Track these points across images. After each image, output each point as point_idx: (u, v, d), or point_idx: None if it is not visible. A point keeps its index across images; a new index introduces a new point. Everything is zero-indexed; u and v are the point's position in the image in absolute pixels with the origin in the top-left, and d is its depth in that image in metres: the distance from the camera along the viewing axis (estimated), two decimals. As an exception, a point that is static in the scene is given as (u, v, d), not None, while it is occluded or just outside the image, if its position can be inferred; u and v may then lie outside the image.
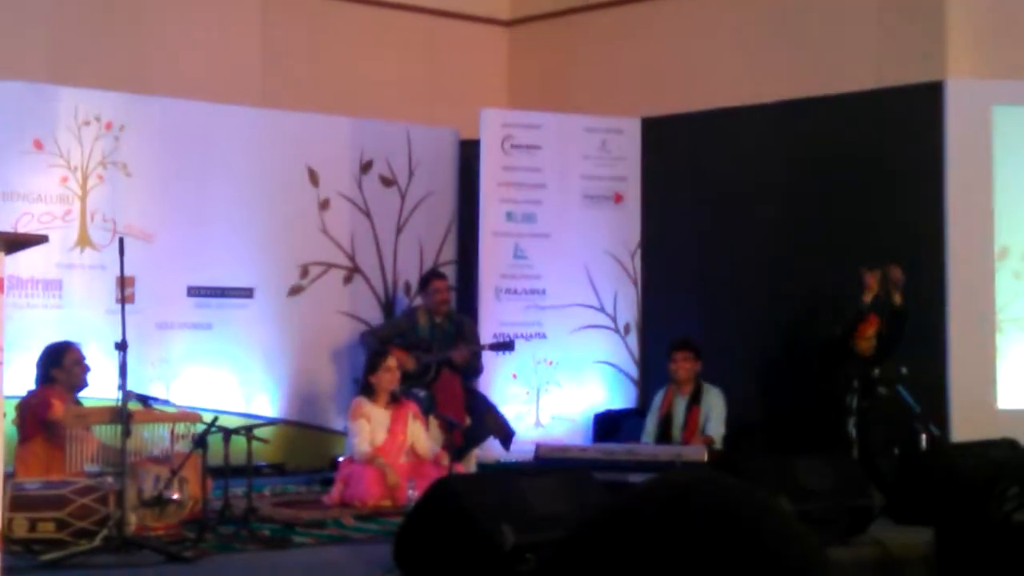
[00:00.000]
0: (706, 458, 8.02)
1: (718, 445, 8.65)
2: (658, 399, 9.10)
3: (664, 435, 8.91)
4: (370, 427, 8.20)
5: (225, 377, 9.74)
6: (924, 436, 8.11)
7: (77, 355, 7.61)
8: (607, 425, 10.08)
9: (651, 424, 9.04)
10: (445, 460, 8.25)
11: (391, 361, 8.43)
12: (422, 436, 8.36)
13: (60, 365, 7.55)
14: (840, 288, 9.24)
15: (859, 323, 8.78)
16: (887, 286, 8.75)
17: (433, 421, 8.77)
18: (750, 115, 10.14)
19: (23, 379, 7.54)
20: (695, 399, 8.91)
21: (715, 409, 8.87)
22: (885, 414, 8.38)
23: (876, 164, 9.53)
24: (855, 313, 8.84)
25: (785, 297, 9.73)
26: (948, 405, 9.03)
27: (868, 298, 8.84)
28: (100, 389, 7.67)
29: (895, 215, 9.42)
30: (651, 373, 10.22)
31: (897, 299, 8.77)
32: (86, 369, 7.61)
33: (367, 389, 8.37)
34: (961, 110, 9.25)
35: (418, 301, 10.09)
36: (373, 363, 8.42)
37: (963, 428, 8.82)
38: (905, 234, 9.38)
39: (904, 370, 8.29)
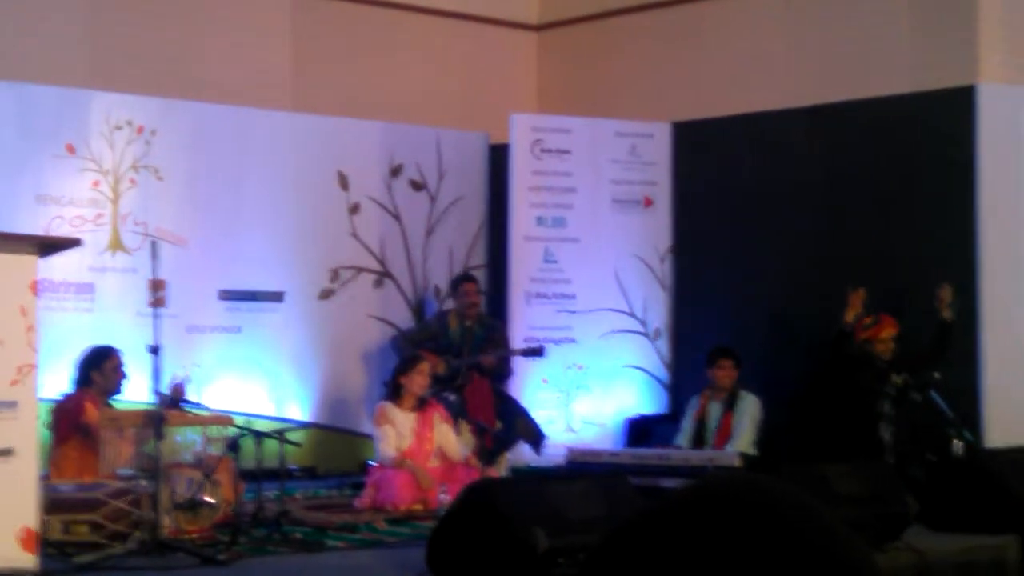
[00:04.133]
0: (738, 463, 7.99)
1: (750, 451, 8.62)
2: (694, 403, 9.11)
3: (698, 439, 8.91)
4: (395, 431, 8.19)
5: (256, 381, 9.76)
6: (958, 442, 8.07)
7: (118, 361, 7.64)
8: (638, 430, 10.06)
9: (686, 427, 9.04)
10: (475, 462, 8.26)
11: (424, 366, 8.43)
12: (451, 438, 8.36)
13: (100, 368, 7.58)
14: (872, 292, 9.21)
15: (872, 328, 8.75)
16: (936, 302, 8.67)
17: (464, 425, 8.77)
18: (781, 119, 10.11)
19: (55, 382, 7.56)
20: (730, 405, 8.91)
21: (747, 414, 8.85)
22: (918, 420, 8.33)
23: (908, 168, 9.49)
24: (837, 332, 8.82)
25: (816, 302, 9.67)
26: (982, 410, 8.98)
27: (850, 317, 8.79)
28: (133, 392, 7.70)
29: (927, 219, 9.38)
30: (682, 378, 10.20)
31: (946, 314, 8.67)
32: (123, 376, 7.64)
33: (395, 390, 8.36)
34: (993, 114, 9.20)
35: (449, 304, 10.10)
36: (406, 365, 8.42)
37: (997, 434, 8.78)
38: (937, 237, 9.33)
39: (937, 375, 8.24)
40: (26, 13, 9.61)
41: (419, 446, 8.23)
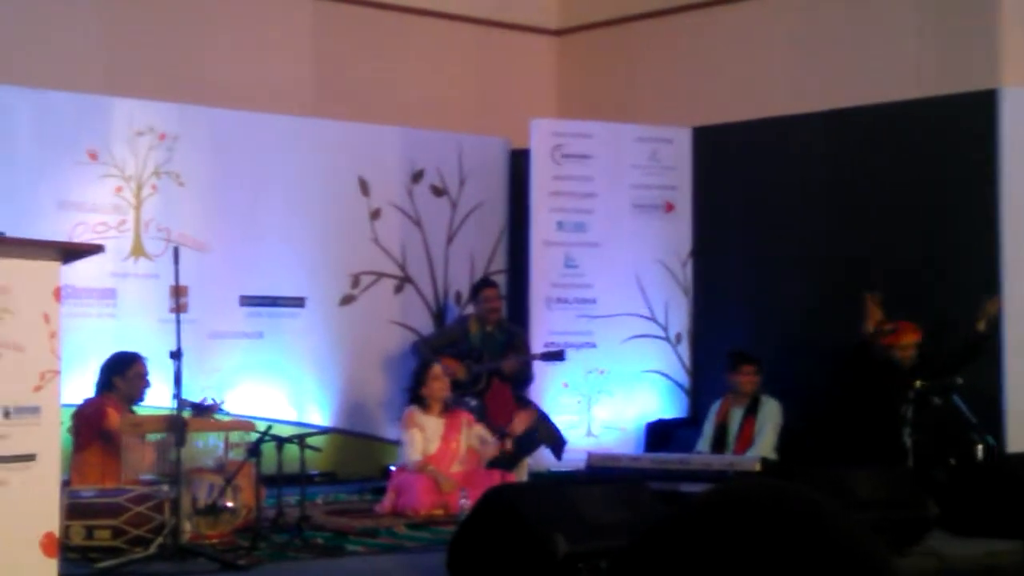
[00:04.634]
0: (759, 468, 7.98)
1: (771, 456, 8.61)
2: (715, 408, 9.12)
3: (719, 444, 8.90)
4: (423, 436, 8.21)
5: (277, 386, 9.78)
6: (980, 447, 8.04)
7: (142, 369, 7.64)
8: (659, 435, 10.05)
9: (707, 432, 9.04)
10: (508, 443, 8.30)
11: (437, 368, 8.46)
12: (478, 440, 8.38)
13: (124, 375, 7.58)
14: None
15: (892, 334, 8.73)
16: (977, 311, 8.65)
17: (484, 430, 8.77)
18: (801, 124, 10.10)
19: (77, 387, 7.59)
20: (751, 410, 8.91)
21: (769, 420, 8.84)
22: (940, 424, 8.31)
23: (930, 172, 9.47)
24: (858, 343, 8.80)
25: (836, 306, 9.65)
26: (1004, 415, 8.94)
27: (871, 327, 8.77)
28: (155, 398, 7.73)
29: (949, 223, 9.35)
30: (702, 382, 10.19)
31: (981, 327, 8.65)
32: (146, 384, 7.63)
33: (419, 400, 8.38)
34: (1016, 118, 9.17)
35: (470, 310, 10.11)
36: (421, 376, 8.44)
37: (1019, 438, 8.74)
38: (959, 241, 9.31)
39: (960, 380, 8.22)
40: (44, 20, 9.65)
41: (445, 450, 8.25)
